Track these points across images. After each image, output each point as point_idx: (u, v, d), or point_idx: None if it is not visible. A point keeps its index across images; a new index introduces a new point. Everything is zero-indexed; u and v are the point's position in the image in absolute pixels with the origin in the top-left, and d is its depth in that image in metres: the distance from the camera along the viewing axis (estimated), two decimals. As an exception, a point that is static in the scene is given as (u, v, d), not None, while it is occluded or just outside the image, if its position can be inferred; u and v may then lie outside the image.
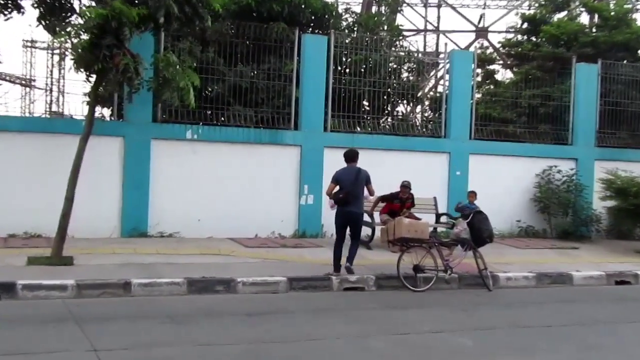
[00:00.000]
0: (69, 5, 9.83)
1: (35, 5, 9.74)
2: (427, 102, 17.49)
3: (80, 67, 8.93)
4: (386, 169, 11.95)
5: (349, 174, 9.23)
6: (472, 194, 11.54)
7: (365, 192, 9.49)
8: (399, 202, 11.13)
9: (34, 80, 27.21)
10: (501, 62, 20.16)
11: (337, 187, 9.20)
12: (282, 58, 12.99)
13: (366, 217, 10.42)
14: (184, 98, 9.60)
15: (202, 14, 9.33)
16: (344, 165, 9.94)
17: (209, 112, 12.39)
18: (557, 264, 10.75)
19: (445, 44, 16.39)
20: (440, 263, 8.93)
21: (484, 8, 30.86)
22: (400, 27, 17.43)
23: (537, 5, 20.43)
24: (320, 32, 14.01)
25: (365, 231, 11.98)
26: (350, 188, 9.10)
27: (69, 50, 9.00)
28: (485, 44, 26.22)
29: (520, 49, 17.31)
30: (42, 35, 40.03)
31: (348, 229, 9.15)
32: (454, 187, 13.25)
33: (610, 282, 9.99)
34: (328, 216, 12.28)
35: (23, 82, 26.99)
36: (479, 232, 9.12)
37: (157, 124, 11.53)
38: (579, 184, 13.95)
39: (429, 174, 12.97)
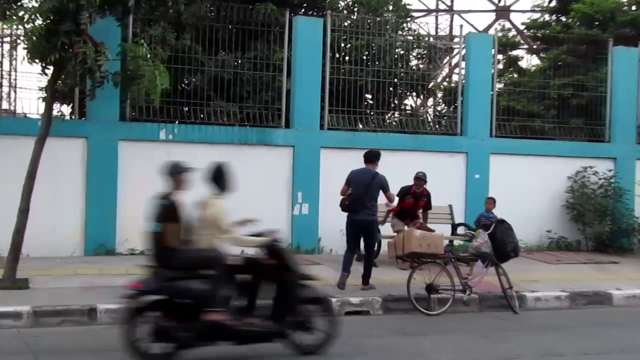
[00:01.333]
0: (20, -15, 9.86)
1: (-19, -14, 9.76)
2: (440, 94, 17.51)
3: (34, 58, 8.93)
4: (392, 172, 11.83)
5: (362, 177, 9.44)
6: (491, 201, 11.55)
7: (386, 201, 9.81)
8: (412, 199, 11.10)
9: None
10: (526, 46, 20.23)
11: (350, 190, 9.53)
12: (271, 44, 13.01)
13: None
14: (149, 92, 9.61)
15: (177, -6, 9.38)
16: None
17: (186, 108, 12.40)
18: (593, 281, 10.76)
19: (461, 26, 16.44)
20: (458, 282, 8.93)
21: (505, -16, 30.97)
22: (408, 7, 17.44)
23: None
24: (314, 13, 14.07)
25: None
26: (359, 193, 9.29)
27: (22, 38, 9.01)
28: (507, 25, 26.30)
29: (547, 31, 17.39)
30: (-9, 21, 39.99)
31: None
32: (472, 193, 13.29)
33: (657, 301, 10.01)
34: (326, 228, 12.31)
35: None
36: (502, 245, 9.12)
37: (125, 123, 11.53)
38: (618, 187, 13.98)
39: (442, 178, 12.97)
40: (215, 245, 6.65)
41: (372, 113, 13.96)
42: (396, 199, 10.30)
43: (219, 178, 6.99)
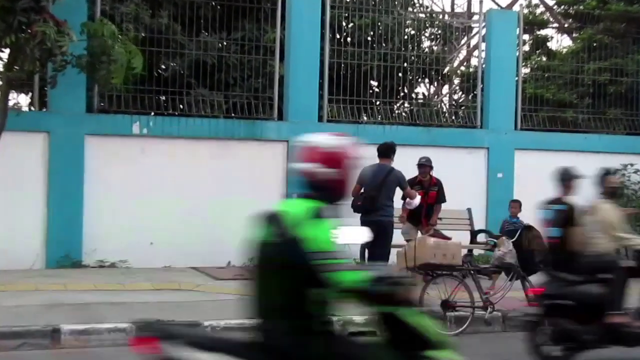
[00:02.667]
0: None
1: None
2: (456, 81, 17.51)
3: (-13, 40, 8.92)
4: (402, 170, 11.92)
5: (375, 174, 9.51)
6: (516, 204, 11.53)
7: (407, 200, 9.95)
8: (421, 189, 11.09)
9: None
10: (556, 25, 20.23)
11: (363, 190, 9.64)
12: (261, 23, 13.02)
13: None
14: (113, 74, 9.59)
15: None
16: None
17: (163, 97, 12.41)
18: (636, 296, 10.72)
19: (481, 2, 16.44)
20: (478, 297, 8.92)
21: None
22: (420, -20, 17.48)
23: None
24: (311, -13, 14.04)
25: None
26: (373, 192, 9.42)
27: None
28: (535, 1, 26.31)
29: (581, 8, 17.38)
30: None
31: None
32: (494, 195, 13.33)
33: None
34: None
35: None
36: (530, 254, 9.11)
37: (93, 115, 11.54)
38: (663, 188, 14.05)
39: (460, 178, 12.97)
40: (610, 249, 7.62)
41: (378, 103, 13.97)
42: (418, 197, 10.30)
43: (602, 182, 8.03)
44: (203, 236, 11.80)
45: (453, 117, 14.33)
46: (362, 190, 9.70)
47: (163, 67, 13.00)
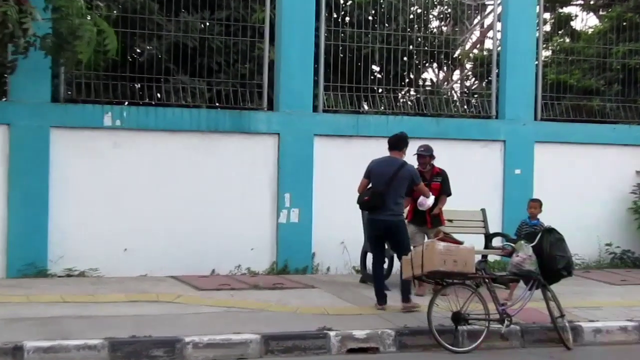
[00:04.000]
0: None
1: None
2: (469, 65, 17.51)
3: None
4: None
5: (385, 168, 9.65)
6: (535, 204, 11.51)
7: (420, 199, 10.10)
8: (423, 182, 11.09)
9: None
10: (581, 2, 20.23)
11: (370, 184, 9.75)
12: (248, 2, 13.00)
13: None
14: (79, 51, 9.56)
15: None
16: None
17: (138, 85, 12.39)
18: None
19: (496, -23, 16.45)
20: (494, 309, 8.94)
21: None
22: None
23: None
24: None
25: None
26: (381, 187, 9.53)
27: None
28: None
29: (609, -18, 17.40)
30: None
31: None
32: (511, 194, 13.34)
33: None
34: (322, 241, 12.34)
35: None
36: (552, 260, 9.12)
37: (59, 105, 11.53)
38: (702, 185, 14.07)
39: (473, 174, 13.01)
40: None
41: (380, 90, 13.96)
42: (432, 197, 10.40)
43: None
44: (184, 241, 11.81)
45: (465, 107, 14.31)
46: (369, 186, 9.82)
47: (138, 50, 12.97)
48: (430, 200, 10.44)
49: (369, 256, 11.56)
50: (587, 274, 12.89)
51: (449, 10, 15.91)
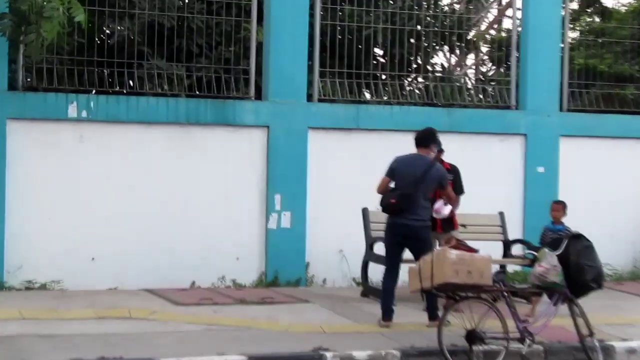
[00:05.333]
0: None
1: None
2: (485, 49, 17.47)
3: None
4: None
5: (412, 167, 9.72)
6: (560, 207, 11.49)
7: (438, 204, 10.11)
8: None
9: None
10: (612, -23, 20.23)
11: (393, 184, 9.79)
12: (234, -24, 12.99)
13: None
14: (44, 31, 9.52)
15: None
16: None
17: (108, 71, 12.36)
18: None
19: (515, -52, 16.42)
20: (513, 326, 8.91)
21: None
22: None
23: None
24: None
25: (381, 271, 12.01)
26: (408, 189, 9.59)
27: None
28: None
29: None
30: None
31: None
32: (533, 195, 13.33)
33: None
34: (317, 249, 12.33)
35: None
36: (579, 271, 9.08)
37: (17, 94, 11.49)
38: None
39: (490, 173, 12.99)
40: None
41: (384, 77, 13.93)
42: (449, 206, 10.39)
43: None
44: (160, 249, 11.77)
45: (480, 95, 14.30)
46: (391, 185, 9.86)
47: (107, 31, 12.94)
48: (448, 209, 10.40)
49: (371, 267, 11.56)
50: (620, 286, 12.86)
51: (462, -15, 15.89)
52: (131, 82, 12.35)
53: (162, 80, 12.34)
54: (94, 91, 12.06)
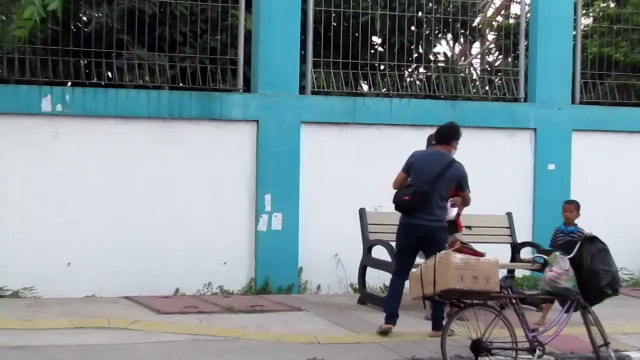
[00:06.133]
0: None
1: None
2: (491, 36, 17.46)
3: None
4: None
5: (429, 163, 9.78)
6: (572, 207, 11.49)
7: (450, 209, 10.15)
8: None
9: None
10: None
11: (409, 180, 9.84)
12: (220, -42, 12.97)
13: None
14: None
15: None
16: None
17: (85, 61, 12.34)
18: None
19: None
20: (522, 335, 8.91)
21: None
22: None
23: None
24: None
25: (379, 276, 11.99)
26: (423, 187, 9.62)
27: None
28: None
29: None
30: None
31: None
32: (543, 194, 13.36)
33: None
34: (311, 253, 12.33)
35: None
36: (593, 276, 9.08)
37: (-15, 86, 11.49)
38: None
39: (497, 170, 12.99)
40: None
41: (383, 68, 13.92)
42: (456, 209, 10.49)
43: None
44: (141, 254, 11.76)
45: (486, 87, 14.31)
46: (408, 182, 9.90)
47: (84, 18, 12.91)
48: (454, 211, 10.51)
49: (369, 272, 11.56)
50: (637, 292, 12.88)
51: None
52: (110, 74, 12.37)
53: (143, 71, 12.33)
54: (69, 83, 12.05)
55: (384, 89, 13.41)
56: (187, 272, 11.95)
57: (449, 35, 15.96)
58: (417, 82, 14.17)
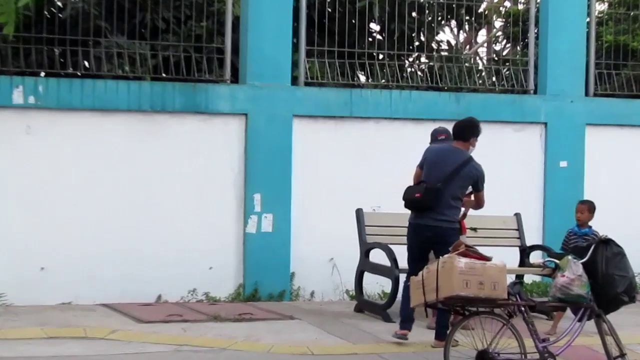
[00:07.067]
0: None
1: None
2: (498, 23, 17.49)
3: None
4: (414, 155, 11.91)
5: (444, 159, 9.82)
6: (585, 207, 11.53)
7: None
8: None
9: None
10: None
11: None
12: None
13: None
14: None
15: None
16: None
17: (59, 50, 12.35)
18: None
19: None
20: (532, 346, 8.95)
21: None
22: None
23: None
24: None
25: (378, 282, 12.05)
26: (437, 183, 9.66)
27: None
28: None
29: None
30: None
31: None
32: (554, 193, 13.41)
33: None
34: (304, 256, 12.37)
35: None
36: (609, 282, 9.11)
37: (-48, 77, 11.51)
38: None
39: (504, 168, 13.00)
40: None
41: (382, 57, 13.94)
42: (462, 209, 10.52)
43: None
44: (121, 257, 11.75)
45: (493, 78, 14.33)
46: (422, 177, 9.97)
47: (59, 4, 12.91)
48: (460, 212, 10.47)
49: (367, 277, 11.58)
50: (655, 300, 12.93)
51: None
52: (87, 63, 12.35)
53: (122, 60, 12.33)
54: (43, 73, 12.07)
55: (383, 80, 13.44)
56: (170, 278, 11.96)
57: (453, 22, 16.01)
58: (419, 73, 14.20)
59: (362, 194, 12.07)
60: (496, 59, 16.08)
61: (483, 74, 14.53)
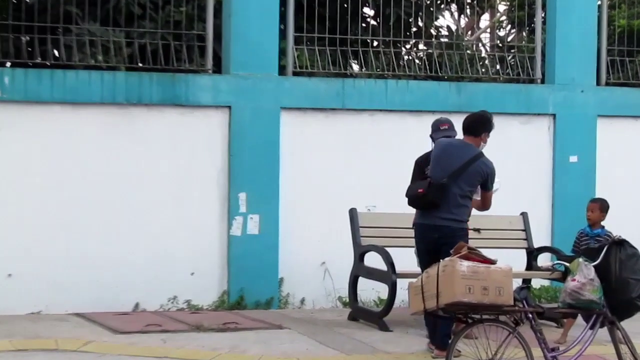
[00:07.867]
0: None
1: None
2: (502, 7, 17.49)
3: None
4: (412, 150, 11.92)
5: (453, 154, 9.80)
6: (596, 206, 11.53)
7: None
8: None
9: None
10: None
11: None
12: None
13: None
14: None
15: None
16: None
17: (27, 38, 12.34)
18: None
19: None
20: (540, 355, 8.93)
21: None
22: None
23: None
24: None
25: (374, 288, 12.03)
26: (442, 180, 9.63)
27: None
28: None
29: None
30: None
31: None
32: (564, 190, 13.44)
33: None
34: (293, 260, 12.39)
35: None
36: (623, 286, 9.11)
37: None
38: None
39: (509, 163, 12.96)
40: None
41: (376, 44, 13.94)
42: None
43: None
44: (94, 263, 11.76)
45: (497, 66, 14.33)
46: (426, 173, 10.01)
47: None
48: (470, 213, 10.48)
49: (362, 282, 11.56)
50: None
51: None
52: (56, 52, 12.36)
53: (95, 49, 12.31)
54: (8, 64, 12.07)
55: (378, 69, 13.42)
56: (148, 285, 11.97)
57: (454, 6, 16.00)
58: (417, 61, 14.17)
59: (355, 192, 12.06)
60: (500, 45, 16.02)
61: (486, 62, 14.50)
